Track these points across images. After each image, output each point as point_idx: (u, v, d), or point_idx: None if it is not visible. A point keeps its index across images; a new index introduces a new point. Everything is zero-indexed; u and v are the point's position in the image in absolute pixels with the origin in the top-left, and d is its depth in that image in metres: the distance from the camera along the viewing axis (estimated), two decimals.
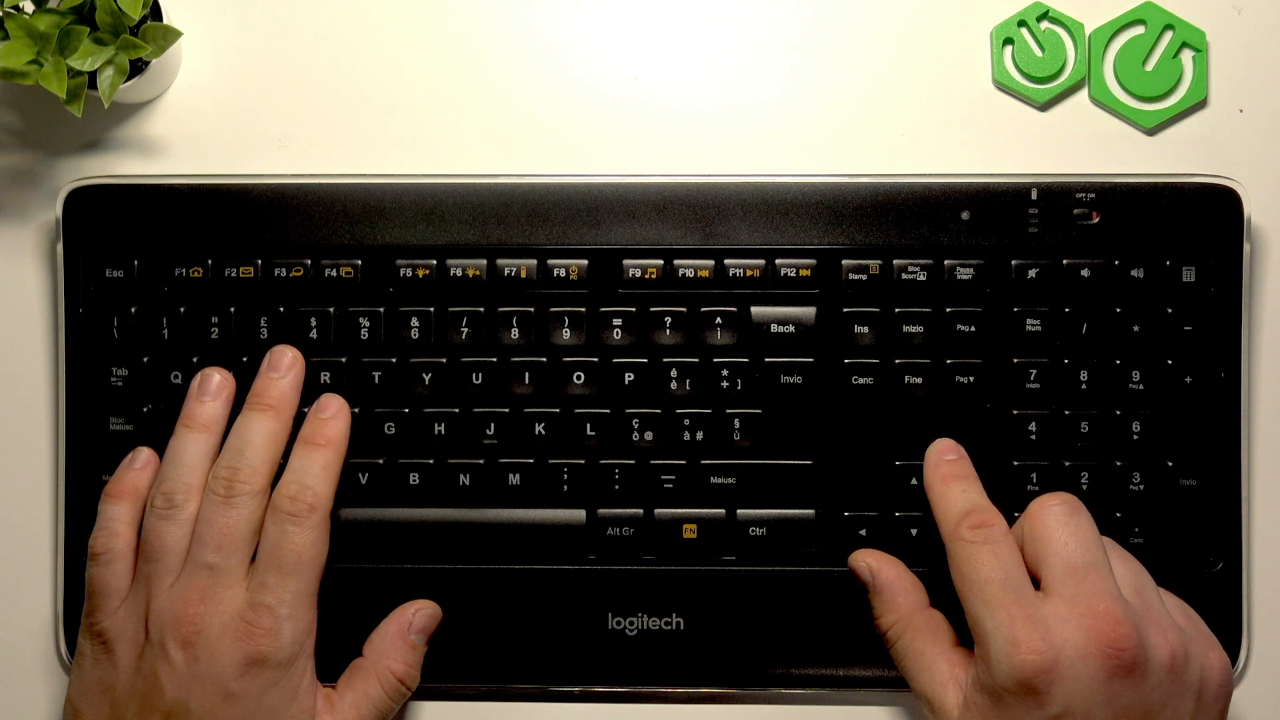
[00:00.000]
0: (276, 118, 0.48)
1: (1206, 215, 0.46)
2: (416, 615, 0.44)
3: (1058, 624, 0.38)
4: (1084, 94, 0.49)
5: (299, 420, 0.45)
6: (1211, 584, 0.45)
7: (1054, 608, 0.39)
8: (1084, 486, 0.45)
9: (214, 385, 0.45)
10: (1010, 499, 0.46)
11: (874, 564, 0.43)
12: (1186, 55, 0.49)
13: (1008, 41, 0.49)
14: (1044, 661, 0.37)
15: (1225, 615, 0.45)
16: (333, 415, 0.45)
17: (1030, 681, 0.37)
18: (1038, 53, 0.49)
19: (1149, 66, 0.49)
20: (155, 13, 0.45)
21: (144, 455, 0.45)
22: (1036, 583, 0.40)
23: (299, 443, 0.44)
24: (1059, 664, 0.37)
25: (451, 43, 0.49)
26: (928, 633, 0.42)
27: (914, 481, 0.45)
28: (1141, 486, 0.45)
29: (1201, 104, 0.48)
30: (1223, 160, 0.48)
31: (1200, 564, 0.46)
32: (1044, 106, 0.49)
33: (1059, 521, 0.40)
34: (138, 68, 0.45)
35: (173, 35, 0.43)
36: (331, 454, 0.44)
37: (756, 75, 0.49)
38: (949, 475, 0.43)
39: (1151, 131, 0.48)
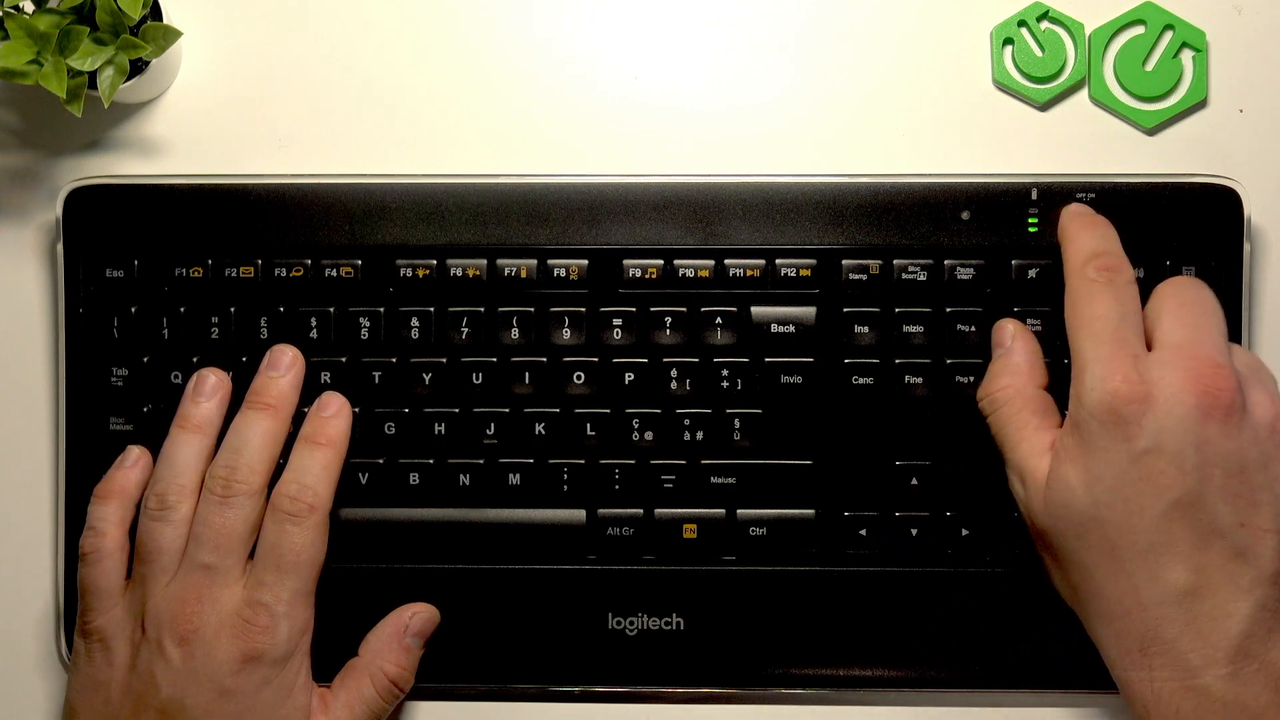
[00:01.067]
0: (277, 118, 0.49)
1: (1207, 215, 0.47)
2: (413, 619, 0.45)
3: (1157, 365, 0.39)
4: (1084, 94, 0.50)
5: (299, 419, 0.46)
6: None
7: (1157, 354, 0.40)
8: None
9: (209, 386, 0.46)
10: (1010, 499, 0.46)
11: (1016, 330, 0.44)
12: (1186, 55, 0.50)
13: (1008, 41, 0.50)
14: (1136, 391, 0.38)
15: None
16: (334, 414, 0.46)
17: (1121, 410, 0.38)
18: (1038, 53, 0.50)
19: (1149, 66, 0.50)
20: (155, 13, 0.46)
21: (134, 454, 0.46)
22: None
23: (300, 441, 0.46)
24: (1152, 396, 0.38)
25: (452, 43, 0.50)
26: (1037, 406, 0.42)
27: (914, 481, 0.47)
28: None
29: (1201, 104, 0.49)
30: (1223, 160, 0.49)
31: None
32: (1044, 106, 0.50)
33: (1179, 287, 0.42)
34: (138, 68, 0.46)
35: (173, 35, 0.44)
36: (332, 453, 0.45)
37: (756, 75, 0.50)
38: (1087, 221, 0.44)
39: (1151, 131, 0.50)
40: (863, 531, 0.47)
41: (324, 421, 0.46)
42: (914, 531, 0.47)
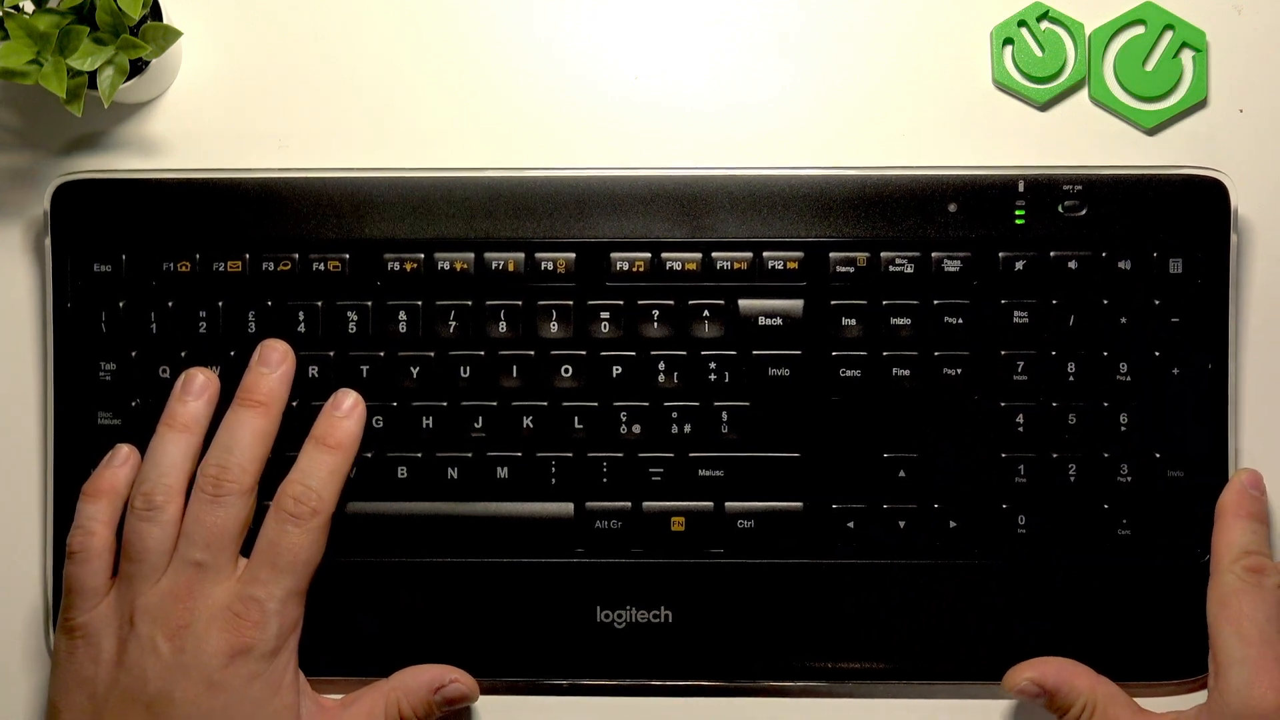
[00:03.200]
0: (276, 117, 0.53)
1: (1194, 207, 0.50)
2: (452, 685, 0.48)
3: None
4: (1084, 94, 0.53)
5: (290, 415, 0.49)
6: (1199, 576, 0.49)
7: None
8: (1071, 478, 0.50)
9: (197, 385, 0.48)
10: (998, 492, 0.50)
11: (1033, 674, 0.48)
12: (1186, 55, 0.52)
13: (1008, 41, 0.52)
14: None
15: None
16: (345, 414, 0.48)
17: (1267, 716, 0.43)
18: (1038, 53, 0.52)
19: (1149, 66, 0.52)
20: (155, 13, 0.49)
21: (123, 452, 0.49)
22: None
23: (310, 439, 0.48)
24: None
25: (451, 42, 0.53)
26: (1118, 698, 0.47)
27: (902, 474, 0.50)
28: (1129, 478, 0.50)
29: (1201, 104, 0.52)
30: (1223, 160, 0.52)
31: (1188, 556, 0.50)
32: (1044, 106, 0.53)
33: None
34: (138, 67, 0.48)
35: (173, 35, 0.47)
36: (341, 458, 0.48)
37: (756, 75, 0.53)
38: (1246, 511, 0.48)
39: (1151, 131, 0.52)
40: (850, 524, 0.50)
41: (335, 423, 0.48)
42: (902, 524, 0.50)
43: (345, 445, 0.48)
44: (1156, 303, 0.51)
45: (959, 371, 0.51)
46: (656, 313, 0.51)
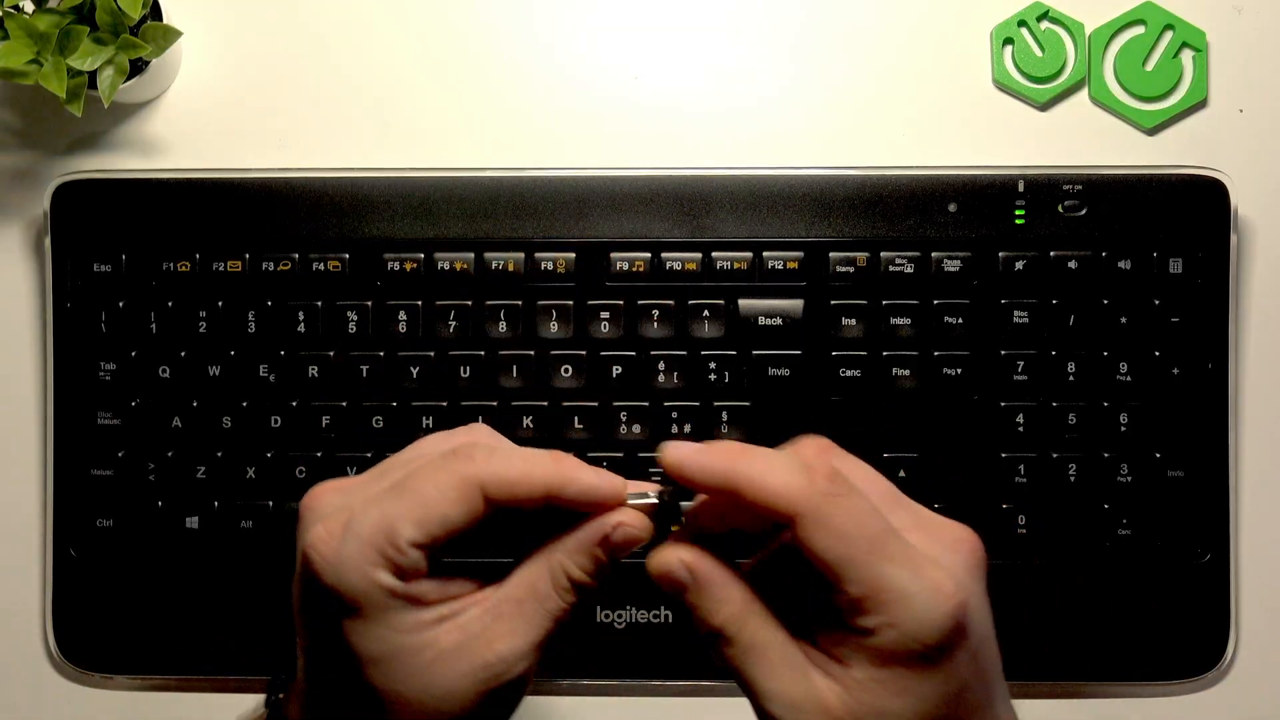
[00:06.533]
0: (276, 117, 0.54)
1: (1194, 207, 0.52)
2: (619, 529, 0.39)
3: (938, 553, 0.37)
4: (1084, 94, 0.54)
5: (290, 415, 0.51)
6: (1199, 575, 0.51)
7: (919, 541, 0.38)
8: (1072, 478, 0.51)
9: None
10: (998, 491, 0.52)
11: (688, 559, 0.38)
12: (1186, 55, 0.54)
13: (1008, 41, 0.54)
14: (964, 595, 0.37)
15: (1213, 607, 0.51)
16: None
17: (961, 623, 0.36)
18: (1038, 53, 0.54)
19: (1149, 66, 0.54)
20: (155, 13, 0.50)
21: None
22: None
23: None
24: (968, 591, 0.37)
25: (451, 42, 0.55)
26: (771, 621, 0.38)
27: (901, 474, 0.51)
28: (1129, 478, 0.51)
29: (1201, 104, 0.54)
30: (1223, 160, 0.53)
31: (1188, 555, 0.52)
32: (1044, 106, 0.54)
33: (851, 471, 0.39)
34: (138, 67, 0.50)
35: (173, 35, 0.48)
36: None
37: (756, 75, 0.54)
38: (736, 453, 0.37)
39: (1151, 131, 0.54)
40: None
41: None
42: None
43: None
44: (1156, 302, 0.52)
45: (959, 371, 0.52)
46: (656, 313, 0.52)
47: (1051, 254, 0.52)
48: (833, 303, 0.52)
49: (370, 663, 0.38)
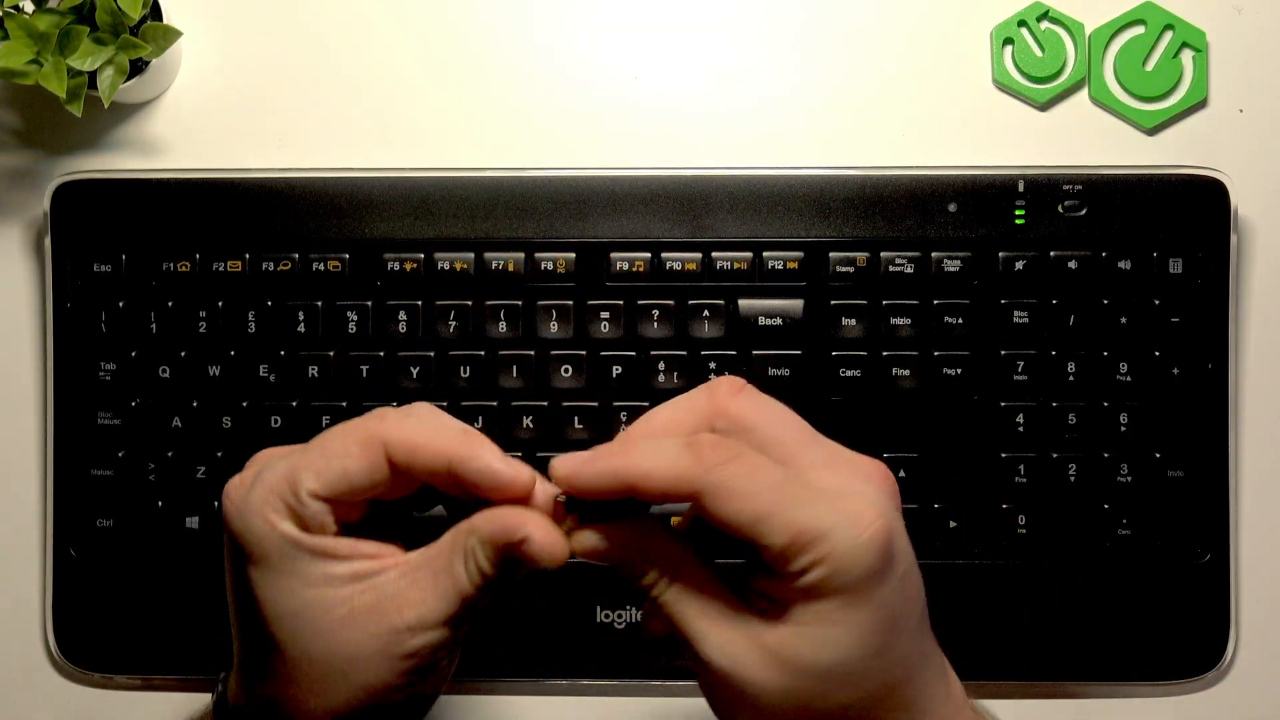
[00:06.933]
0: (276, 117, 0.54)
1: (1194, 207, 0.52)
2: (525, 545, 0.37)
3: (855, 486, 0.37)
4: (1084, 94, 0.55)
5: (290, 416, 0.51)
6: (1199, 576, 0.51)
7: (832, 476, 0.37)
8: (1072, 478, 0.52)
9: None
10: (998, 491, 0.52)
11: (607, 528, 0.37)
12: (1186, 55, 0.54)
13: (1008, 41, 0.54)
14: (884, 521, 0.36)
15: (1213, 607, 0.52)
16: None
17: (887, 548, 0.36)
18: (1038, 53, 0.54)
19: (1149, 66, 0.54)
20: (155, 13, 0.51)
21: None
22: None
23: None
24: (889, 518, 0.36)
25: (451, 42, 0.55)
26: (703, 571, 0.38)
27: (902, 474, 0.52)
28: (1129, 478, 0.52)
29: (1201, 104, 0.54)
30: (1223, 160, 0.53)
31: (1188, 556, 0.52)
32: (1044, 106, 0.55)
33: (755, 409, 0.38)
34: (138, 68, 0.50)
35: (173, 35, 0.49)
36: None
37: (756, 75, 0.55)
38: (618, 452, 0.37)
39: (1151, 131, 0.54)
40: None
41: None
42: None
43: None
44: (1156, 303, 0.53)
45: (959, 372, 0.52)
46: (656, 313, 0.52)
47: (1051, 254, 0.52)
48: (833, 303, 0.53)
49: (276, 618, 0.37)
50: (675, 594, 0.38)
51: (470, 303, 0.53)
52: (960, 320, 0.52)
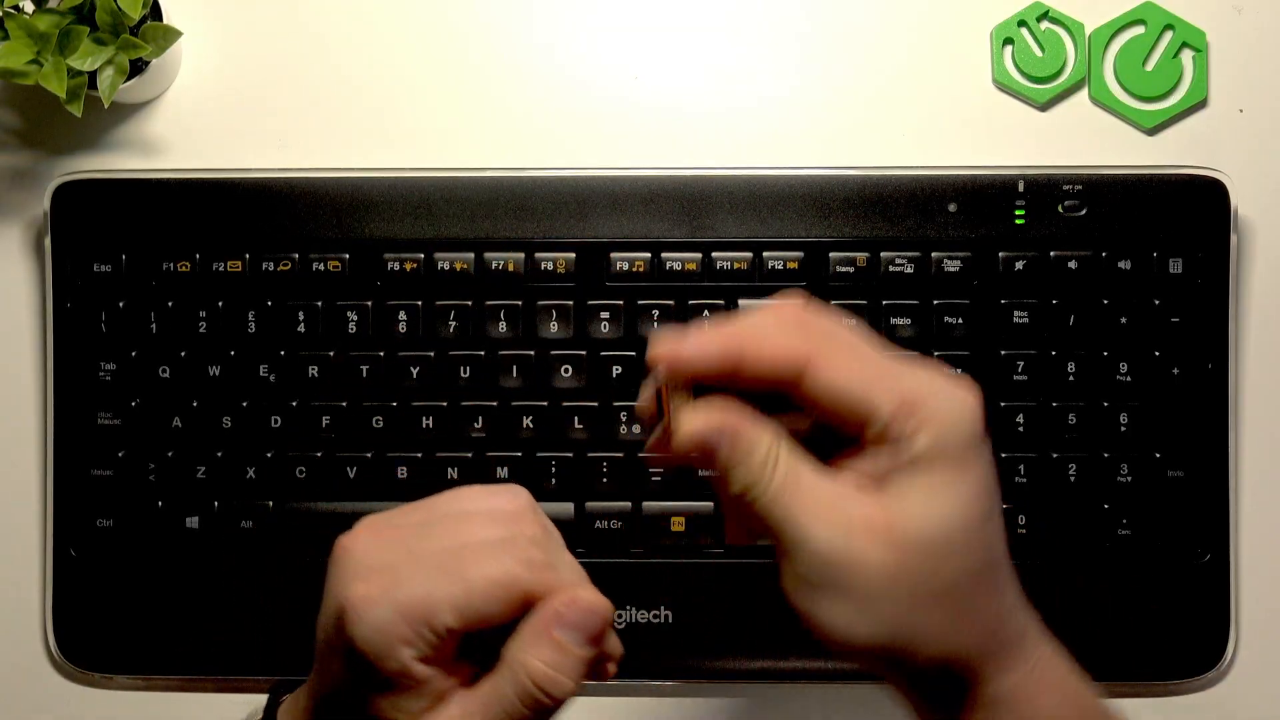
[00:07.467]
0: (277, 117, 0.55)
1: (1194, 207, 0.52)
2: (568, 608, 0.38)
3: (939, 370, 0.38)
4: (1084, 94, 0.55)
5: (290, 416, 0.52)
6: (1199, 575, 0.52)
7: (916, 363, 0.37)
8: (1072, 478, 0.52)
9: None
10: (999, 491, 0.53)
11: (713, 416, 0.37)
12: (1186, 55, 0.54)
13: (1008, 41, 0.55)
14: (978, 394, 0.37)
15: (1213, 607, 0.52)
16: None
17: (983, 416, 0.37)
18: (1038, 53, 0.54)
19: (1149, 66, 0.54)
20: (155, 13, 0.51)
21: None
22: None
23: None
24: (978, 394, 0.37)
25: (451, 42, 0.55)
26: (801, 451, 0.37)
27: None
28: (1129, 478, 0.52)
29: (1201, 104, 0.54)
30: (1223, 160, 0.53)
31: (1188, 556, 0.52)
32: (1044, 106, 0.55)
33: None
34: (138, 68, 0.51)
35: (173, 35, 0.49)
36: None
37: (756, 76, 0.55)
38: (729, 332, 0.37)
39: (1151, 131, 0.54)
40: None
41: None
42: None
43: None
44: (1156, 303, 0.53)
45: (959, 371, 0.52)
46: (656, 312, 0.53)
47: (1051, 254, 0.53)
48: (832, 303, 0.53)
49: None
50: (778, 488, 0.37)
51: (470, 303, 0.53)
52: (960, 320, 0.53)
